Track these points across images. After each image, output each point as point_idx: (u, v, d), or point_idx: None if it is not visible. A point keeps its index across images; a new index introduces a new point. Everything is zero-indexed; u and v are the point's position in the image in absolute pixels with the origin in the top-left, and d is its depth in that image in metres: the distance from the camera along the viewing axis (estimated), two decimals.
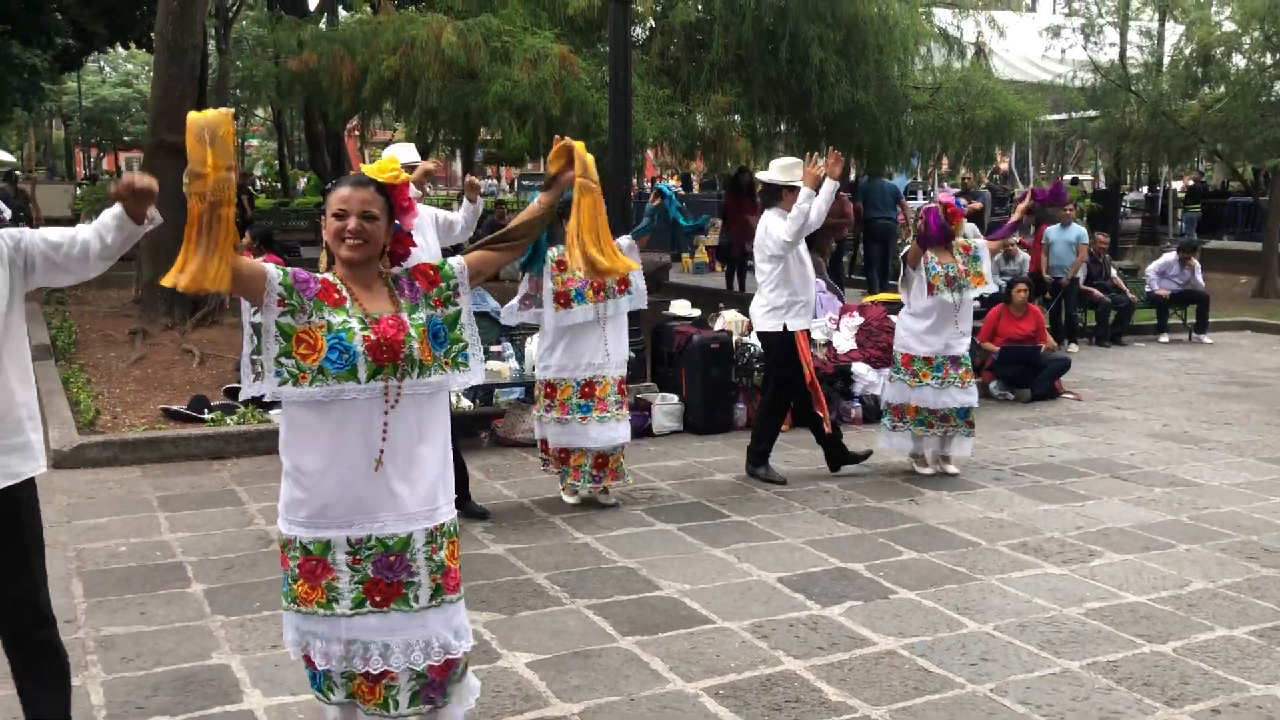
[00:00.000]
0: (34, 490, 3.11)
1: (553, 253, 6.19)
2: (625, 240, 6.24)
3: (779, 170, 6.89)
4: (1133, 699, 3.93)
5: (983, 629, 4.57)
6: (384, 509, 2.93)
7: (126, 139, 54.07)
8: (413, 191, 3.13)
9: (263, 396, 2.98)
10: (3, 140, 46.43)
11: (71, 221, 17.61)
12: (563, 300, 6.14)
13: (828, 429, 6.99)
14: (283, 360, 2.87)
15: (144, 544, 5.59)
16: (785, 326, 6.80)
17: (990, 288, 7.18)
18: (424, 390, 2.96)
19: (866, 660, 4.26)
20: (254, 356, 2.98)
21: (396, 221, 3.03)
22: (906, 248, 7.28)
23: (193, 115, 2.70)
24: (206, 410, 7.82)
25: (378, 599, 2.94)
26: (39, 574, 3.15)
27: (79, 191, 21.23)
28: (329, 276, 2.98)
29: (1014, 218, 7.77)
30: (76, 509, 6.18)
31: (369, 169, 3.02)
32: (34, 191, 18.39)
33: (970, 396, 7.02)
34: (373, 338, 2.88)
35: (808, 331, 6.99)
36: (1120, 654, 4.32)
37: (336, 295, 2.93)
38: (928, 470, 7.14)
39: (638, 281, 6.45)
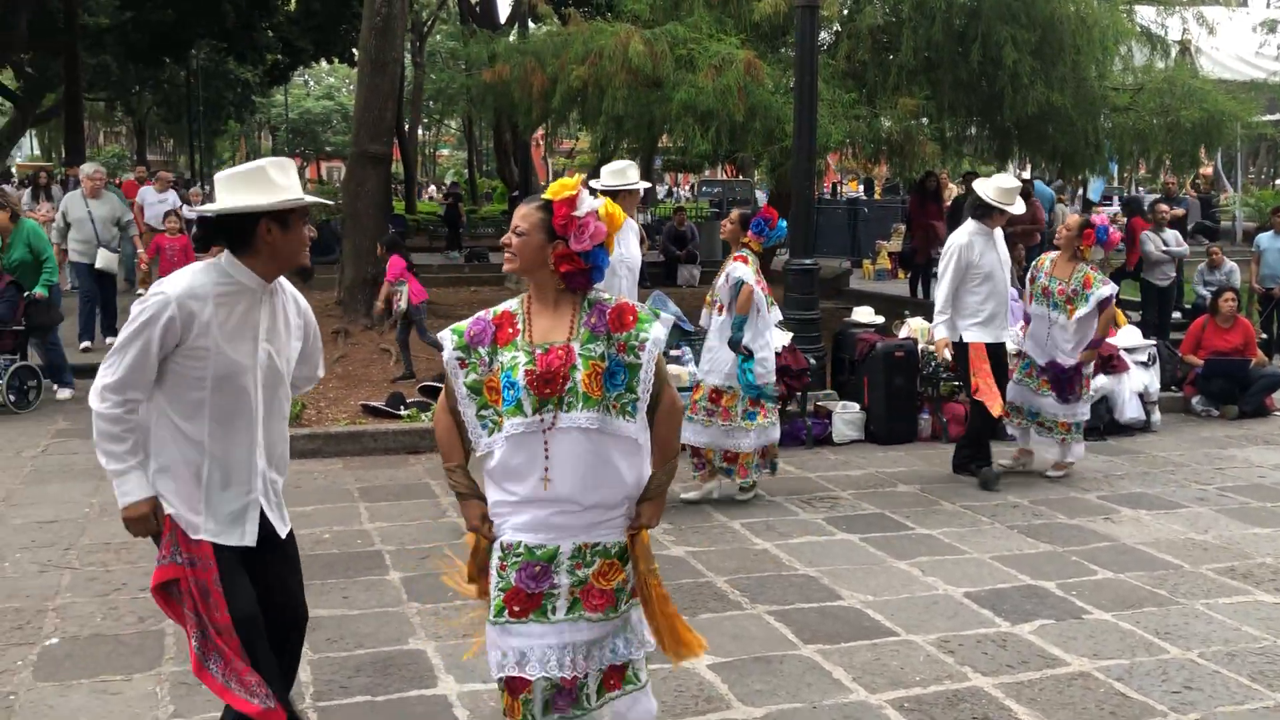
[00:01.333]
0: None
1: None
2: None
3: (997, 191, 6.78)
4: None
5: (1186, 655, 4.35)
6: (534, 520, 2.95)
7: (328, 149, 57.08)
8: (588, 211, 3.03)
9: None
10: (216, 149, 49.68)
11: None
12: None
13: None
14: (483, 413, 2.96)
15: (346, 532, 5.89)
16: (962, 337, 6.84)
17: (1071, 326, 6.97)
18: (578, 423, 2.90)
19: (1059, 681, 4.11)
20: (483, 412, 3.00)
21: (564, 240, 2.93)
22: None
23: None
24: (403, 407, 8.19)
25: (516, 609, 2.96)
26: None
27: None
28: (511, 306, 3.03)
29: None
30: (286, 497, 6.54)
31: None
32: None
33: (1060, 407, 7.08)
34: (536, 370, 2.88)
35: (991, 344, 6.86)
36: None
37: (512, 329, 2.97)
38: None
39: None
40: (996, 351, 6.82)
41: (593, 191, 3.33)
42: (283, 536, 3.36)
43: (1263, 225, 14.25)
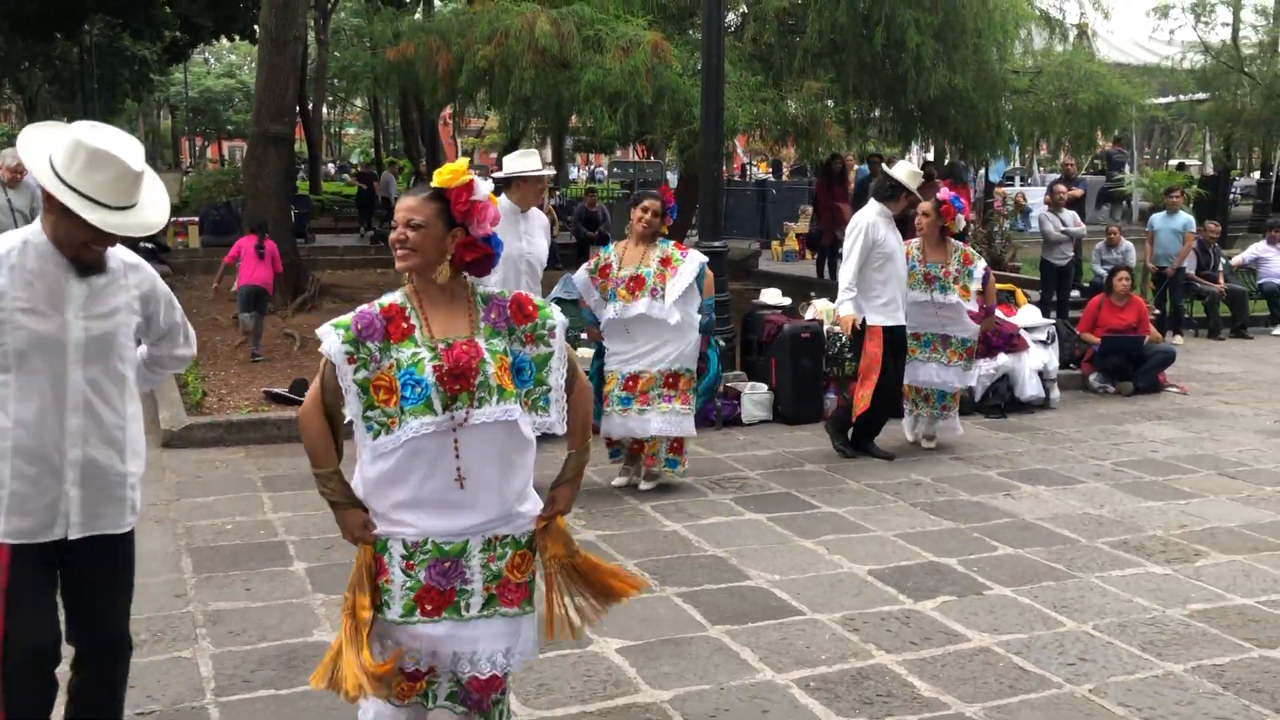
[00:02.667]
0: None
1: (594, 262, 6.42)
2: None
3: (908, 175, 6.99)
4: (1240, 705, 3.81)
5: (1081, 628, 4.48)
6: (445, 519, 2.85)
7: (229, 128, 55.66)
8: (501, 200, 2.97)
9: None
10: None
11: (178, 210, 18.15)
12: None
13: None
14: (369, 414, 2.80)
15: (248, 523, 5.76)
16: (865, 321, 6.93)
17: (970, 305, 7.27)
18: (494, 416, 2.82)
19: (960, 656, 4.20)
20: (369, 413, 2.85)
21: (465, 227, 2.84)
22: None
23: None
24: (306, 393, 8.03)
25: (429, 607, 2.85)
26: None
27: (185, 180, 21.89)
28: (397, 300, 2.88)
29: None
30: (185, 487, 6.40)
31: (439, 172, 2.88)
32: None
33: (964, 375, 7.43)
34: (444, 365, 2.77)
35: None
36: (1227, 658, 4.19)
37: (405, 324, 2.83)
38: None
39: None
40: (897, 334, 6.94)
41: (487, 177, 3.24)
42: (117, 535, 3.05)
43: (1156, 205, 14.70)
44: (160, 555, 5.21)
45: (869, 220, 6.83)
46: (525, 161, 6.19)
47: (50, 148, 2.82)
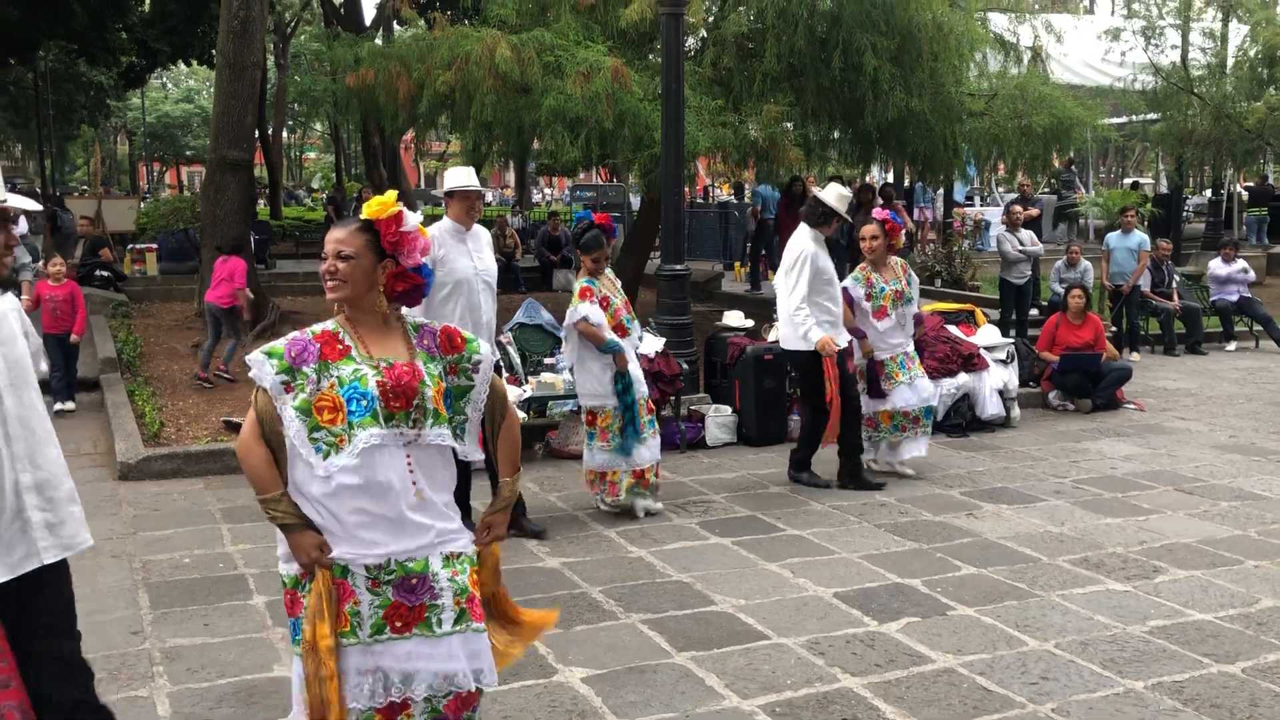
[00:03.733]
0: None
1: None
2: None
3: (838, 199, 6.99)
4: None
5: (1043, 647, 4.51)
6: (406, 537, 2.88)
7: (188, 153, 55.21)
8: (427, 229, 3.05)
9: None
10: (69, 155, 47.57)
11: (135, 236, 17.97)
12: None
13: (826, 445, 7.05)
14: (315, 435, 2.80)
15: (208, 555, 5.68)
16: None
17: (912, 308, 7.43)
18: (444, 440, 2.93)
19: (925, 678, 4.21)
20: (314, 435, 2.85)
21: (395, 258, 2.91)
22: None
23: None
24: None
25: (399, 624, 2.86)
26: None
27: (143, 206, 21.68)
28: (329, 327, 2.92)
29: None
30: (142, 520, 6.31)
31: (367, 206, 2.94)
32: (100, 207, 18.81)
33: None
34: (387, 382, 2.83)
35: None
36: (1186, 674, 4.23)
37: (340, 346, 2.88)
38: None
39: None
40: (844, 356, 6.95)
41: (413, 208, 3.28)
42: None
43: (1111, 225, 14.92)
44: (116, 591, 5.13)
45: (811, 249, 6.85)
46: (463, 176, 5.97)
47: None
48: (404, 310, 3.05)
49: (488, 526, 3.09)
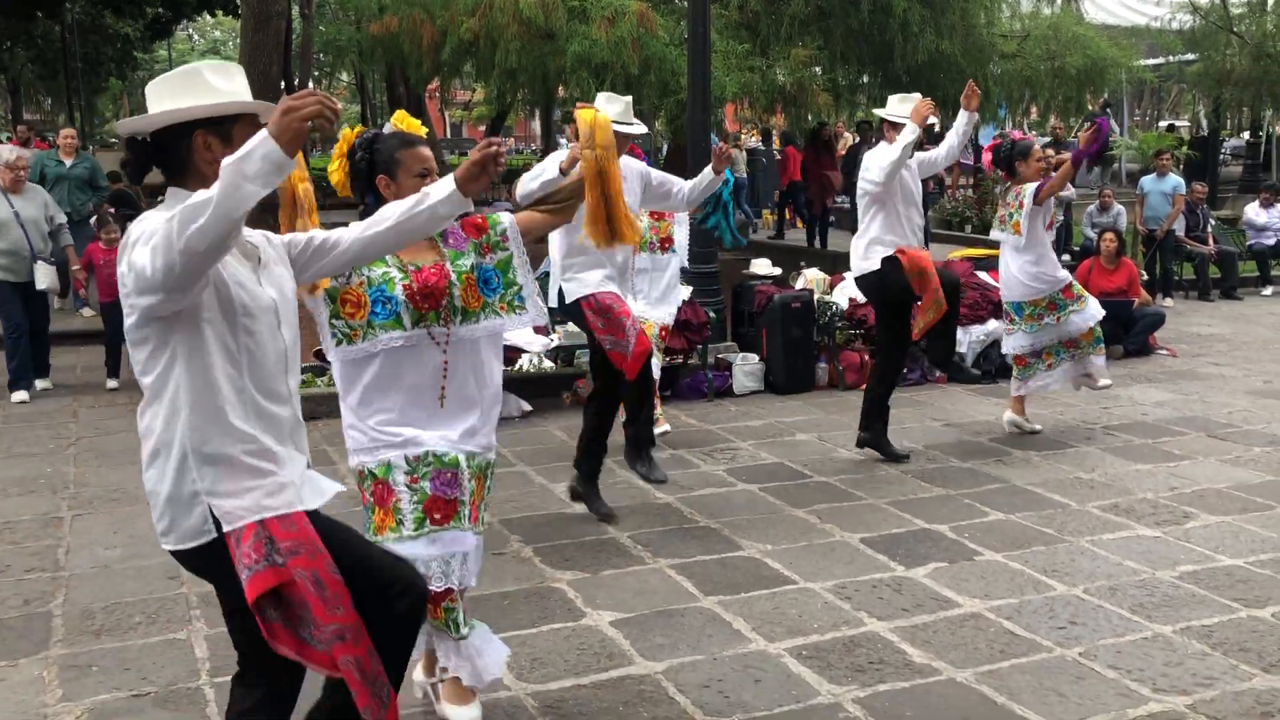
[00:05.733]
0: None
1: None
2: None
3: (896, 103, 6.31)
4: (1228, 664, 3.84)
5: (1071, 592, 4.51)
6: (440, 433, 3.13)
7: None
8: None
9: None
10: (98, 108, 47.68)
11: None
12: None
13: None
14: (334, 322, 3.09)
15: None
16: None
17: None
18: (477, 334, 3.16)
19: (951, 622, 4.23)
20: (334, 322, 3.16)
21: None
22: (1031, 185, 6.72)
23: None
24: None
25: (437, 516, 3.10)
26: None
27: None
28: None
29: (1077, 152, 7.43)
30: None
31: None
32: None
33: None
34: (414, 286, 3.05)
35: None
36: (1215, 619, 4.22)
37: None
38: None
39: (680, 238, 6.68)
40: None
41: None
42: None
43: (1146, 168, 14.68)
44: (154, 537, 5.19)
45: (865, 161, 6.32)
46: (617, 108, 5.10)
47: (164, 105, 2.49)
48: None
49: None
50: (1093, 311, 6.84)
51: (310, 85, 40.32)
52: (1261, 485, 5.89)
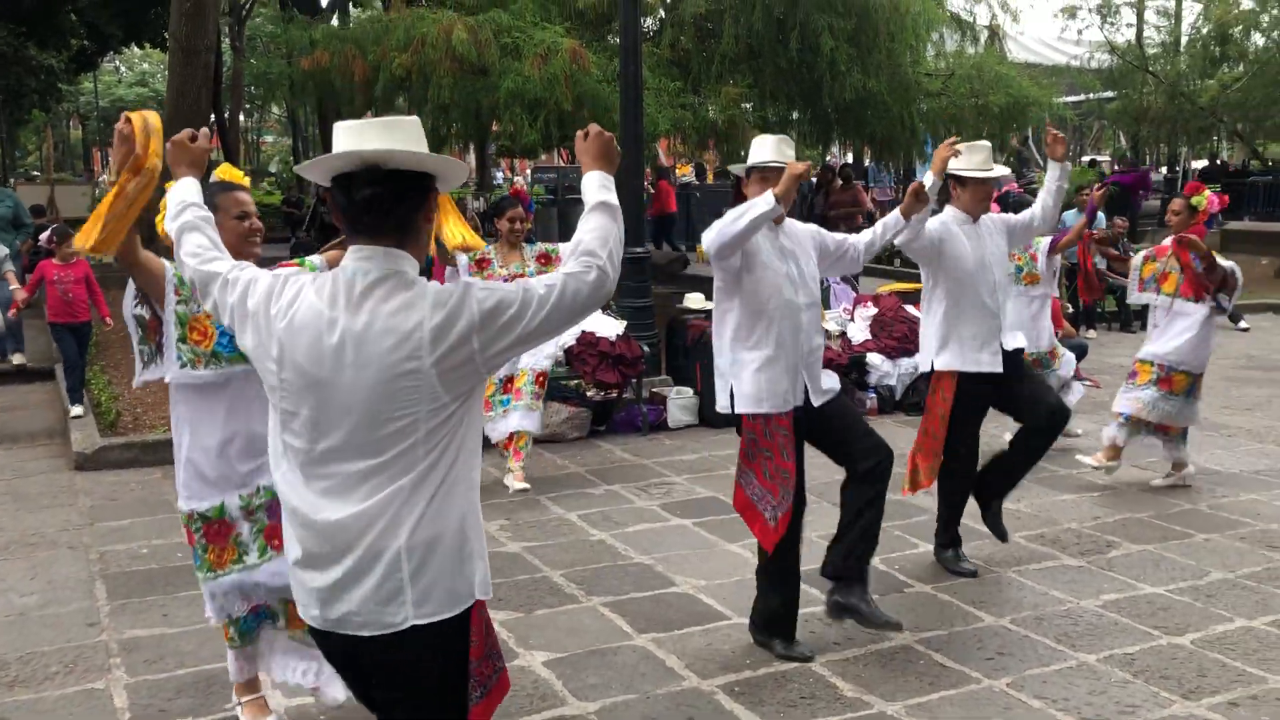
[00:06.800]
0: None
1: (472, 254, 6.34)
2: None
3: (966, 154, 4.94)
4: (1150, 692, 3.92)
5: (999, 622, 4.57)
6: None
7: None
8: None
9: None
10: (19, 140, 46.69)
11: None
12: None
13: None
14: (180, 346, 3.23)
15: (165, 546, 5.64)
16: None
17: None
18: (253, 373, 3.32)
19: (882, 655, 4.26)
20: (140, 347, 3.35)
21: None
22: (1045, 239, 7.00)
23: (137, 115, 2.99)
24: None
25: (277, 543, 3.24)
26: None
27: (96, 192, 21.38)
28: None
29: (1091, 205, 7.81)
30: (99, 511, 6.24)
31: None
32: (53, 194, 18.54)
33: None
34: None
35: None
36: (1137, 646, 4.31)
37: None
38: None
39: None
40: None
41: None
42: None
43: (1068, 204, 15.06)
44: (73, 582, 5.08)
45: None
46: (768, 149, 4.47)
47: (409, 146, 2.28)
48: None
49: None
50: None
51: (241, 119, 39.86)
52: (1180, 514, 6.04)
